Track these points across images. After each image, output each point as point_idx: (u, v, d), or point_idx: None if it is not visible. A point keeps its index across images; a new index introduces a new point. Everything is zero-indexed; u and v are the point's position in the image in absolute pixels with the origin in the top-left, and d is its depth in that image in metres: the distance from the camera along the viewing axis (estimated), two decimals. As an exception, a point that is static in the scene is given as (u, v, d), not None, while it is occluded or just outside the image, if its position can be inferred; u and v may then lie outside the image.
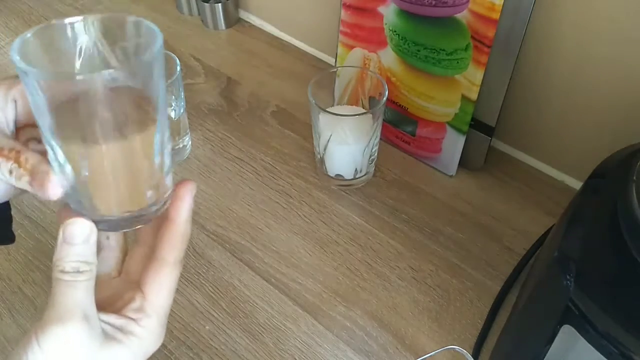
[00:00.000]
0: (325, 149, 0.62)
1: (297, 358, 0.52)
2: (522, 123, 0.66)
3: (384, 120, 0.63)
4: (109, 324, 0.33)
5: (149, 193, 0.33)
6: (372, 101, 0.64)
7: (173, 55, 0.64)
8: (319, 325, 0.54)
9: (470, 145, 0.64)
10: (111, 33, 0.35)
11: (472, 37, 0.57)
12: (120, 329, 0.33)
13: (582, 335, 0.34)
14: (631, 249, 0.32)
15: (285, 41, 0.85)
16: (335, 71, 0.64)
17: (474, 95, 0.59)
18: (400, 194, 0.65)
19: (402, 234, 0.61)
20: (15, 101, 0.36)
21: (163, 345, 0.53)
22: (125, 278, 0.36)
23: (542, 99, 0.62)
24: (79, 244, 0.32)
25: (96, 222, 0.33)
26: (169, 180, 0.34)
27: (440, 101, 0.62)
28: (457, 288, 0.57)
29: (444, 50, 0.59)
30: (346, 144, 0.60)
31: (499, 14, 0.54)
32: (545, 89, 0.61)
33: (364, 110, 0.64)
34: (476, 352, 0.52)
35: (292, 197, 0.64)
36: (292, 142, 0.70)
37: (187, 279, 0.57)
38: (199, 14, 0.87)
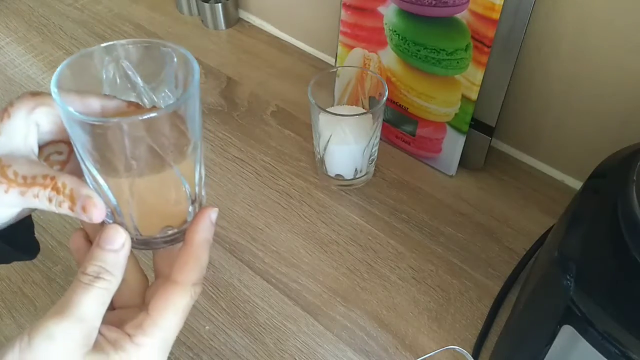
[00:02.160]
0: (325, 149, 0.62)
1: (297, 358, 0.52)
2: (522, 123, 0.66)
3: (384, 120, 0.63)
4: (104, 335, 0.31)
5: (190, 208, 0.34)
6: (372, 101, 0.64)
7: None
8: (319, 325, 0.54)
9: (470, 145, 0.64)
10: (146, 61, 0.34)
11: (472, 37, 0.57)
12: (112, 342, 0.31)
13: (582, 335, 0.34)
14: (631, 249, 0.32)
15: (285, 41, 0.85)
16: (335, 71, 0.64)
17: (474, 95, 0.59)
18: (400, 194, 0.65)
19: (402, 234, 0.61)
20: (38, 125, 0.35)
21: (163, 345, 0.53)
22: (142, 306, 0.35)
23: (542, 99, 0.62)
24: (110, 250, 0.32)
25: (139, 242, 0.34)
26: (204, 192, 0.35)
27: (440, 101, 0.62)
28: (457, 288, 0.57)
29: (444, 50, 0.59)
30: (346, 144, 0.60)
31: (499, 14, 0.54)
32: (545, 89, 0.61)
33: (364, 110, 0.64)
34: (476, 352, 0.52)
35: (292, 197, 0.64)
36: (292, 142, 0.70)
37: (187, 279, 0.57)
38: (199, 14, 0.87)
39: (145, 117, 0.29)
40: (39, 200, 0.33)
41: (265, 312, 0.55)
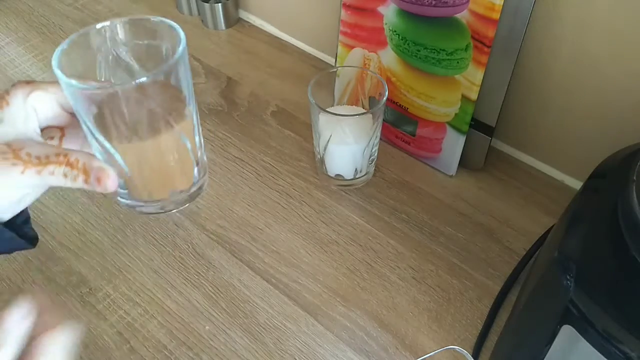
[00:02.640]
0: (325, 149, 0.62)
1: (297, 358, 0.52)
2: (522, 123, 0.66)
3: (384, 120, 0.63)
4: None
5: (195, 171, 0.38)
6: (372, 101, 0.64)
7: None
8: (319, 325, 0.54)
9: (470, 145, 0.64)
10: (136, 34, 0.37)
11: (472, 37, 0.57)
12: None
13: (582, 335, 0.34)
14: (631, 249, 0.32)
15: (285, 41, 0.85)
16: (335, 71, 0.64)
17: (474, 95, 0.59)
18: (400, 194, 0.65)
19: (402, 234, 0.61)
20: (35, 109, 0.36)
21: (163, 346, 0.53)
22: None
23: (542, 99, 0.62)
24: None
25: (148, 205, 0.36)
26: (206, 159, 0.39)
27: (440, 101, 0.62)
28: (457, 288, 0.57)
29: (444, 50, 0.59)
30: (346, 144, 0.60)
31: (499, 14, 0.54)
32: (545, 89, 0.61)
33: (364, 110, 0.64)
34: (476, 352, 0.52)
35: (292, 197, 0.64)
36: (292, 142, 0.70)
37: (187, 279, 0.57)
38: (199, 14, 0.87)
39: (138, 81, 0.32)
40: (55, 176, 0.34)
41: (265, 312, 0.55)
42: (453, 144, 0.64)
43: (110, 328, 0.54)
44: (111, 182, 0.34)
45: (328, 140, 0.60)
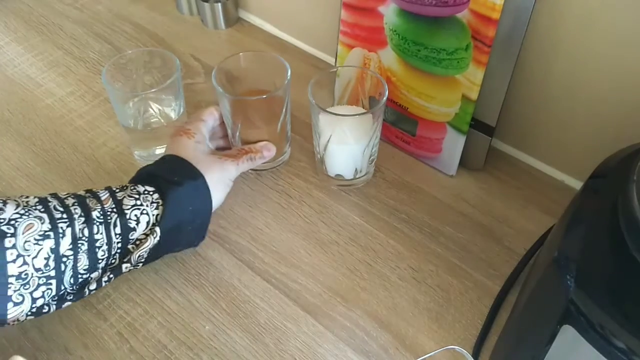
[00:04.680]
0: (325, 149, 0.62)
1: (297, 358, 0.52)
2: (522, 123, 0.66)
3: (384, 120, 0.63)
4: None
5: (285, 146, 0.67)
6: (372, 101, 0.64)
7: (173, 55, 0.64)
8: (319, 325, 0.54)
9: (470, 145, 0.64)
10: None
11: (473, 37, 0.57)
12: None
13: (582, 335, 0.34)
14: (631, 249, 0.32)
15: (285, 41, 0.85)
16: (335, 71, 0.64)
17: (474, 95, 0.59)
18: (400, 194, 0.65)
19: (402, 234, 0.61)
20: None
21: (163, 346, 0.53)
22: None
23: (542, 99, 0.62)
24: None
25: (266, 163, 0.65)
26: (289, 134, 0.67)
27: (440, 101, 0.62)
28: (457, 288, 0.57)
29: (444, 50, 0.59)
30: (346, 144, 0.60)
31: (500, 13, 0.54)
32: (545, 89, 0.61)
33: (364, 110, 0.64)
34: (476, 352, 0.52)
35: (292, 197, 0.64)
36: (292, 142, 0.70)
37: (187, 279, 0.57)
38: (199, 14, 0.87)
39: (254, 98, 0.59)
40: (246, 163, 0.60)
41: (265, 312, 0.55)
42: (453, 144, 0.64)
43: (110, 328, 0.54)
44: (273, 149, 0.62)
45: (328, 140, 0.60)
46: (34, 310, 0.46)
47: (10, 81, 0.78)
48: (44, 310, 0.47)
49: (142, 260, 0.52)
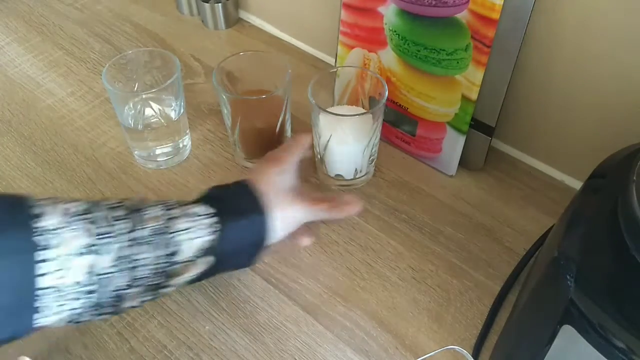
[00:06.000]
0: (325, 149, 0.62)
1: (297, 358, 0.52)
2: (522, 123, 0.66)
3: (384, 120, 0.63)
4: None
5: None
6: (372, 101, 0.64)
7: (173, 55, 0.64)
8: (319, 325, 0.54)
9: (470, 145, 0.64)
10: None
11: (472, 37, 0.57)
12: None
13: (582, 335, 0.34)
14: (631, 249, 0.32)
15: (285, 41, 0.85)
16: (335, 71, 0.64)
17: (474, 95, 0.59)
18: (400, 194, 0.65)
19: (402, 234, 0.61)
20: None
21: (163, 346, 0.53)
22: None
23: (542, 99, 0.62)
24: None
25: None
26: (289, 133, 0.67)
27: (440, 101, 0.62)
28: (457, 288, 0.57)
29: (444, 50, 0.59)
30: (346, 144, 0.60)
31: (499, 14, 0.54)
32: (545, 89, 0.61)
33: (364, 110, 0.64)
34: (476, 352, 0.52)
35: (292, 197, 0.64)
36: (292, 142, 0.70)
37: (187, 279, 0.57)
38: (199, 14, 0.87)
39: (254, 98, 0.62)
40: (322, 211, 0.54)
41: (265, 312, 0.55)
42: (453, 144, 0.64)
43: (110, 328, 0.54)
44: (357, 209, 0.55)
45: (328, 140, 0.60)
46: (68, 320, 0.43)
47: (11, 81, 0.78)
48: (80, 320, 0.44)
49: (186, 283, 0.48)
